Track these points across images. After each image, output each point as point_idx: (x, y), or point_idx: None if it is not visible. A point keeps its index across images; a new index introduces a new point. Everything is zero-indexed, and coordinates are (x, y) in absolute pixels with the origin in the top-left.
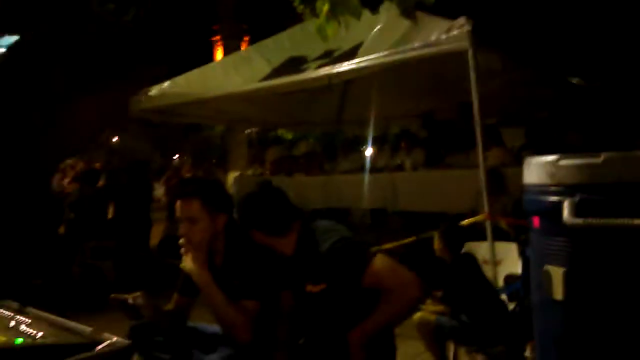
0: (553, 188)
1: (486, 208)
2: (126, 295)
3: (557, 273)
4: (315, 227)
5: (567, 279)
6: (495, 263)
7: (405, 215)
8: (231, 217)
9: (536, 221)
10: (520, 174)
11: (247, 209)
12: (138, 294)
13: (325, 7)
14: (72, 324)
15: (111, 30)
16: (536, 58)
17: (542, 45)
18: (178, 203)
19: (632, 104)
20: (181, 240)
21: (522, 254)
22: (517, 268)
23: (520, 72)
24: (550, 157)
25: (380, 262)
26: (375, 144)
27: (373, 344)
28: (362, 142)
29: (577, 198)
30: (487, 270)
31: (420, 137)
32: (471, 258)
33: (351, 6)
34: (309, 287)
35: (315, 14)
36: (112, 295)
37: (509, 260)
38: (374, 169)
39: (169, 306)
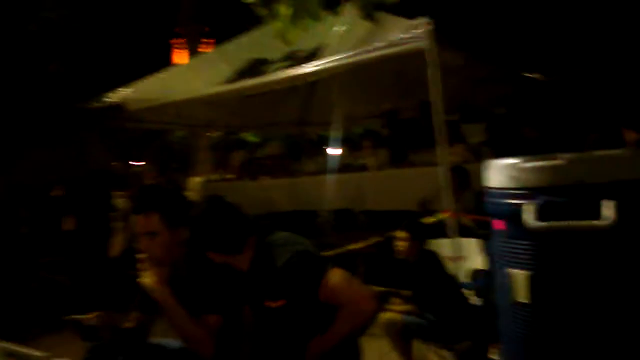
0: (515, 191)
1: (450, 205)
2: (82, 317)
3: (521, 276)
4: (271, 241)
5: (532, 282)
6: (459, 259)
7: (371, 214)
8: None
9: (499, 224)
10: (479, 169)
11: (197, 232)
12: (94, 314)
13: (286, 12)
14: (24, 350)
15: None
16: (495, 55)
17: (501, 41)
18: (137, 218)
19: (586, 99)
20: (140, 255)
21: (487, 250)
22: (481, 264)
23: (480, 69)
24: (512, 160)
25: (334, 277)
26: (340, 144)
27: (334, 354)
28: (327, 143)
29: (539, 201)
30: (451, 267)
31: (384, 136)
32: (434, 255)
33: (311, 10)
34: (268, 303)
35: (272, 16)
36: (67, 317)
37: (472, 256)
38: (340, 170)
39: (129, 324)
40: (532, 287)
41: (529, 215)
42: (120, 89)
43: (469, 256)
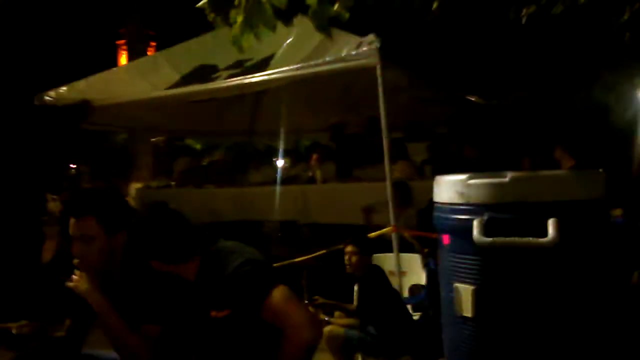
0: (462, 207)
1: (392, 220)
2: (9, 324)
3: (466, 291)
4: (219, 249)
5: (477, 297)
6: (401, 274)
7: (316, 227)
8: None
9: (446, 239)
10: (423, 187)
11: (141, 239)
12: (23, 322)
13: (240, 18)
14: None
15: None
16: (439, 77)
17: (445, 64)
18: (71, 220)
19: (522, 121)
20: (75, 261)
21: (426, 265)
22: (422, 279)
23: (424, 89)
24: (460, 176)
25: (277, 296)
26: (286, 155)
27: None
28: (274, 154)
29: (485, 217)
30: (393, 281)
31: (331, 149)
32: (380, 271)
33: (266, 17)
34: (214, 313)
35: (227, 22)
36: None
37: (413, 271)
38: (286, 181)
39: (60, 333)
40: (477, 301)
41: (475, 231)
42: (59, 88)
43: (409, 271)
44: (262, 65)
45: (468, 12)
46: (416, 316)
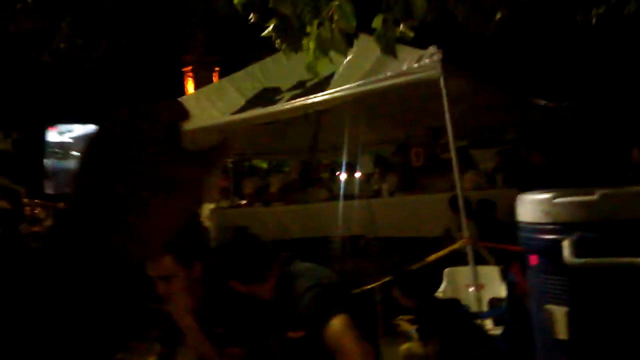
0: (550, 226)
1: (465, 233)
2: None
3: (559, 313)
4: (293, 270)
5: (571, 319)
6: (479, 287)
7: (383, 241)
8: (207, 262)
9: (533, 259)
10: (494, 197)
11: (222, 261)
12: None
13: (312, 45)
14: None
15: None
16: (503, 81)
17: (510, 68)
18: (148, 261)
19: (595, 123)
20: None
21: (505, 277)
22: (501, 291)
23: (489, 95)
24: (545, 195)
25: (336, 326)
26: (350, 170)
27: None
28: (338, 169)
29: (575, 237)
30: (470, 295)
31: (392, 162)
32: (435, 302)
33: (336, 42)
34: (290, 334)
35: (294, 49)
36: None
37: (492, 284)
38: (351, 196)
39: (151, 358)
40: (571, 323)
41: (566, 252)
42: None
43: (488, 284)
44: (324, 84)
45: (534, 16)
46: (497, 330)
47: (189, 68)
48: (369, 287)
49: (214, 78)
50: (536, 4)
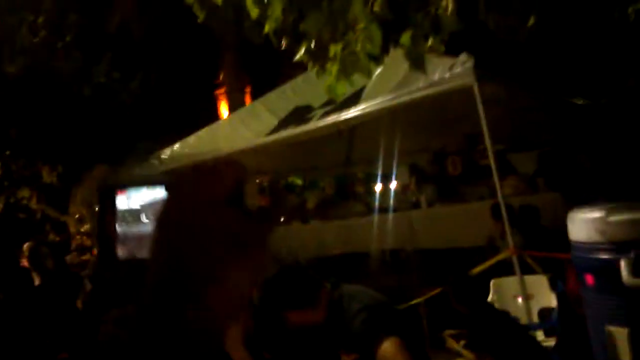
0: (605, 246)
1: (510, 242)
2: None
3: (621, 334)
4: (341, 294)
5: (633, 340)
6: (527, 297)
7: (424, 253)
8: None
9: (590, 279)
10: (537, 201)
11: (273, 295)
12: None
13: (335, 68)
14: None
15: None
16: (538, 83)
17: (542, 69)
18: None
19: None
20: None
21: (554, 286)
22: (550, 301)
23: (524, 98)
24: (598, 213)
25: (387, 348)
26: (385, 182)
27: None
28: (373, 182)
29: (632, 255)
30: (519, 306)
31: (429, 171)
32: (489, 308)
33: (361, 65)
34: (344, 357)
35: (324, 70)
36: None
37: (541, 294)
38: (388, 209)
39: None
40: (633, 344)
41: (624, 272)
42: (172, 145)
43: (537, 294)
44: (354, 98)
45: (567, 16)
46: (550, 342)
47: (222, 90)
48: (414, 302)
49: (246, 98)
50: (569, 5)
